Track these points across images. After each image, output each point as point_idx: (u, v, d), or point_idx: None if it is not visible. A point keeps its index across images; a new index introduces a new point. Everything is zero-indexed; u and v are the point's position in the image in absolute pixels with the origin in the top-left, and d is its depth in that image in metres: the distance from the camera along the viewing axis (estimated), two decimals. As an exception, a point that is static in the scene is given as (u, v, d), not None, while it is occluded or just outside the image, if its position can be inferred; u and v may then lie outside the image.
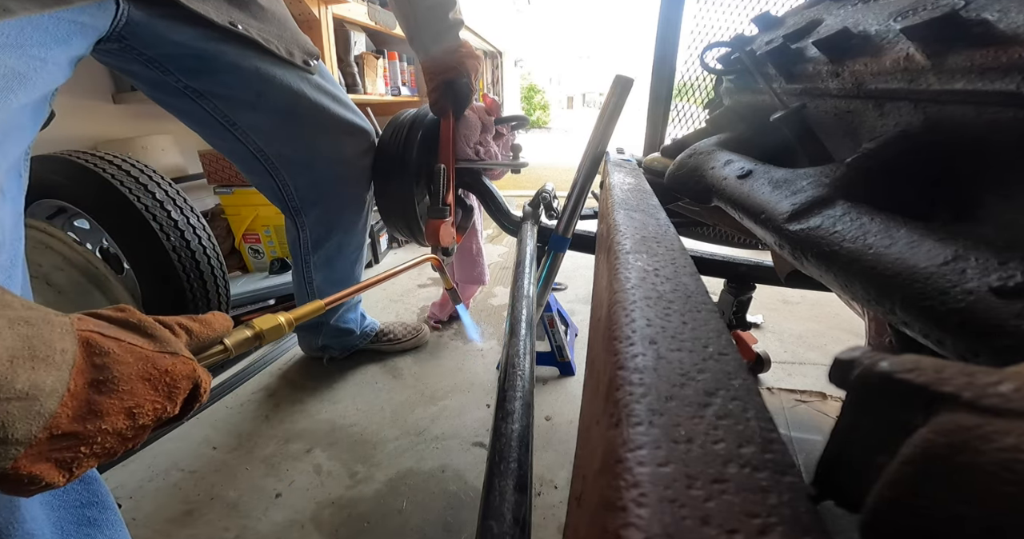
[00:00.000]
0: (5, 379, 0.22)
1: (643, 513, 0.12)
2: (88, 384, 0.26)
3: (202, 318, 0.35)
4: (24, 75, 0.49)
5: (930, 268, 0.21)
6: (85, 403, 0.26)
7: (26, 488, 0.25)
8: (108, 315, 0.29)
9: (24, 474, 0.24)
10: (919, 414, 0.11)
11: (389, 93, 2.27)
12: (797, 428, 0.94)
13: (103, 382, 0.26)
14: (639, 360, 0.18)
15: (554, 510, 0.78)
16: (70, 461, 0.26)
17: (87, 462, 0.26)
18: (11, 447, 0.23)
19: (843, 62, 0.38)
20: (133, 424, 0.27)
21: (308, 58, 0.84)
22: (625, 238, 0.32)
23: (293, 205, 0.95)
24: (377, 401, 1.06)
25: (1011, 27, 0.24)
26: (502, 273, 1.81)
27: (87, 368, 0.26)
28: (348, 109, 0.92)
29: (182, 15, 0.66)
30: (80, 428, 0.25)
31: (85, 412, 0.25)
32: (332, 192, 0.96)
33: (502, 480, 0.27)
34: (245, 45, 0.75)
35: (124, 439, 0.28)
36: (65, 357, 0.25)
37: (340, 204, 0.98)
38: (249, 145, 0.85)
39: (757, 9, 0.88)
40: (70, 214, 1.07)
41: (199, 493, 0.82)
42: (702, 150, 0.56)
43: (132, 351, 0.28)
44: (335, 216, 0.99)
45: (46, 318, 0.25)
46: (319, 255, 1.02)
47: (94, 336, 0.27)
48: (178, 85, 0.75)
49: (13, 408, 0.22)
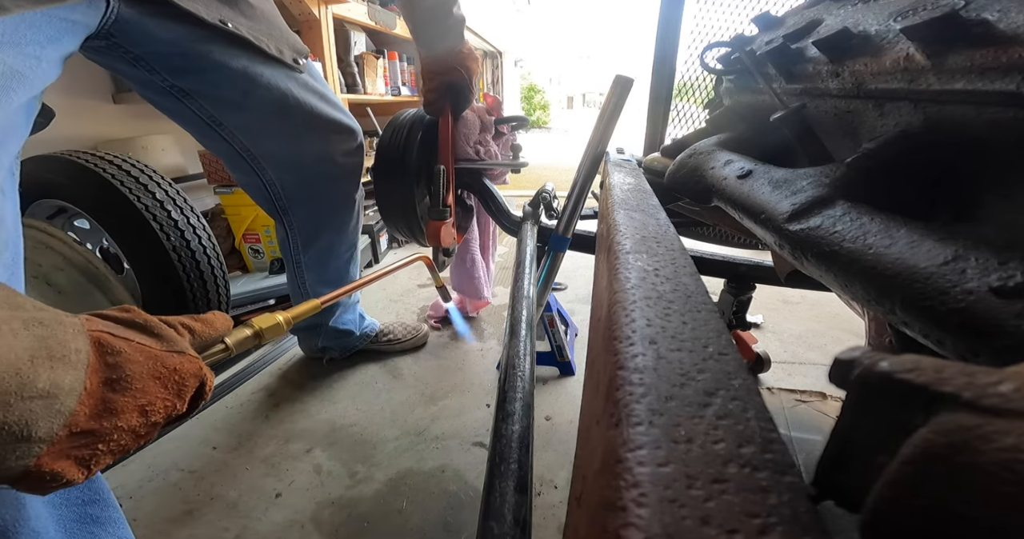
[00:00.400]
0: (28, 378, 0.23)
1: (643, 513, 0.12)
2: (102, 383, 0.26)
3: (203, 318, 0.35)
4: (22, 74, 0.49)
5: (930, 268, 0.21)
6: (101, 401, 0.26)
7: (47, 485, 0.25)
8: (115, 316, 0.30)
9: (46, 471, 0.25)
10: (919, 414, 0.11)
11: (389, 93, 2.27)
12: (797, 428, 0.94)
13: (116, 381, 0.27)
14: (639, 360, 0.18)
15: (554, 510, 0.78)
16: (88, 458, 0.26)
17: (104, 459, 0.27)
18: (34, 445, 0.23)
19: (843, 62, 0.38)
20: (146, 421, 0.28)
21: (298, 56, 0.84)
22: (625, 238, 0.32)
23: (280, 204, 0.95)
24: (377, 401, 1.06)
25: (1011, 27, 0.24)
26: (502, 273, 1.81)
27: (101, 367, 0.26)
28: (336, 108, 0.92)
29: (172, 13, 0.66)
30: (97, 426, 0.26)
31: (101, 410, 0.26)
32: (319, 191, 0.95)
33: (502, 481, 0.27)
34: (233, 43, 0.74)
35: (137, 436, 0.28)
36: (80, 356, 0.25)
37: (328, 203, 0.98)
38: (235, 144, 0.85)
39: (757, 9, 0.88)
40: (70, 214, 1.07)
41: (199, 493, 0.82)
42: (702, 150, 0.56)
43: (142, 350, 0.28)
44: (324, 216, 0.99)
45: (58, 319, 0.26)
46: (310, 255, 1.02)
47: (105, 336, 0.27)
48: (164, 84, 0.74)
49: (35, 406, 0.23)
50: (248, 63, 0.77)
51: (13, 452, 0.23)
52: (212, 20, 0.70)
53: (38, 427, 0.23)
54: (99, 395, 0.26)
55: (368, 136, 2.24)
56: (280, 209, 0.95)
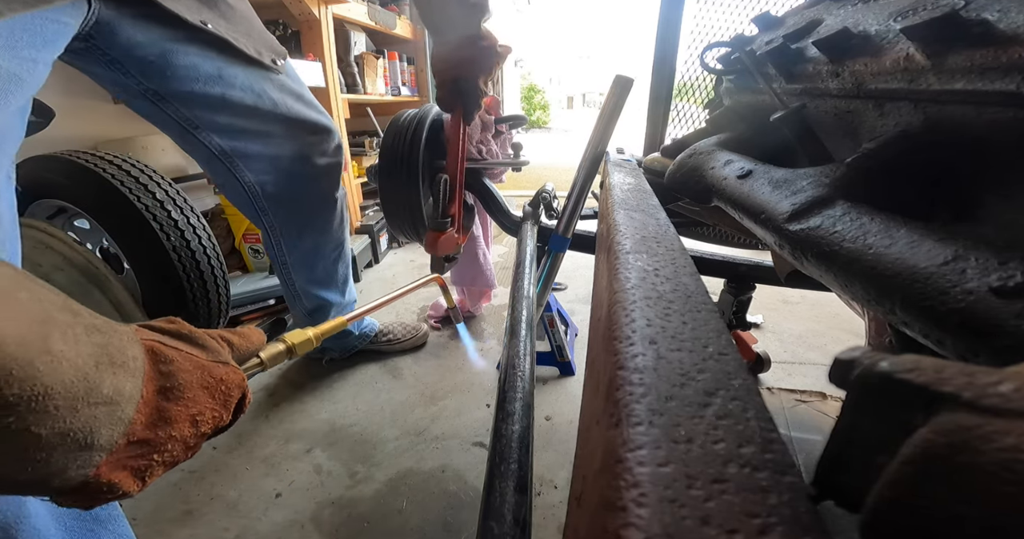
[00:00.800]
0: (94, 384, 0.22)
1: (643, 513, 0.12)
2: (156, 391, 0.26)
3: (241, 332, 0.35)
4: (20, 77, 0.48)
5: (930, 268, 0.21)
6: (156, 410, 0.26)
7: (102, 497, 0.25)
8: (160, 326, 0.30)
9: (104, 482, 0.24)
10: (919, 414, 0.11)
11: (389, 93, 2.27)
12: (797, 428, 0.94)
13: (170, 389, 0.26)
14: (639, 360, 0.18)
15: (554, 510, 0.78)
16: (144, 469, 0.26)
17: (158, 470, 0.26)
18: (95, 453, 0.23)
19: (843, 62, 0.38)
20: (196, 431, 0.28)
21: (276, 57, 0.83)
22: (625, 238, 0.32)
23: (259, 205, 0.93)
24: (377, 401, 1.06)
25: (1011, 27, 0.24)
26: (502, 273, 1.81)
27: (155, 375, 0.26)
28: (312, 108, 0.91)
29: (152, 14, 0.65)
30: (152, 435, 0.25)
31: (156, 419, 0.26)
32: (299, 193, 0.94)
33: (502, 481, 0.27)
34: (210, 45, 0.73)
35: (188, 447, 0.28)
36: (137, 364, 0.25)
37: (309, 204, 0.97)
38: (212, 148, 0.83)
39: (757, 9, 0.88)
40: (70, 214, 1.07)
41: (199, 493, 0.82)
42: (702, 150, 0.56)
43: (191, 359, 0.28)
44: (305, 217, 0.98)
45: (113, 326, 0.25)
46: (295, 257, 1.01)
47: (156, 344, 0.27)
48: (139, 87, 0.73)
49: (99, 413, 0.22)
50: (223, 65, 0.76)
51: (75, 460, 0.22)
52: (194, 21, 0.69)
53: (100, 434, 0.22)
54: (154, 403, 0.26)
55: (368, 136, 2.26)
56: (260, 210, 0.94)
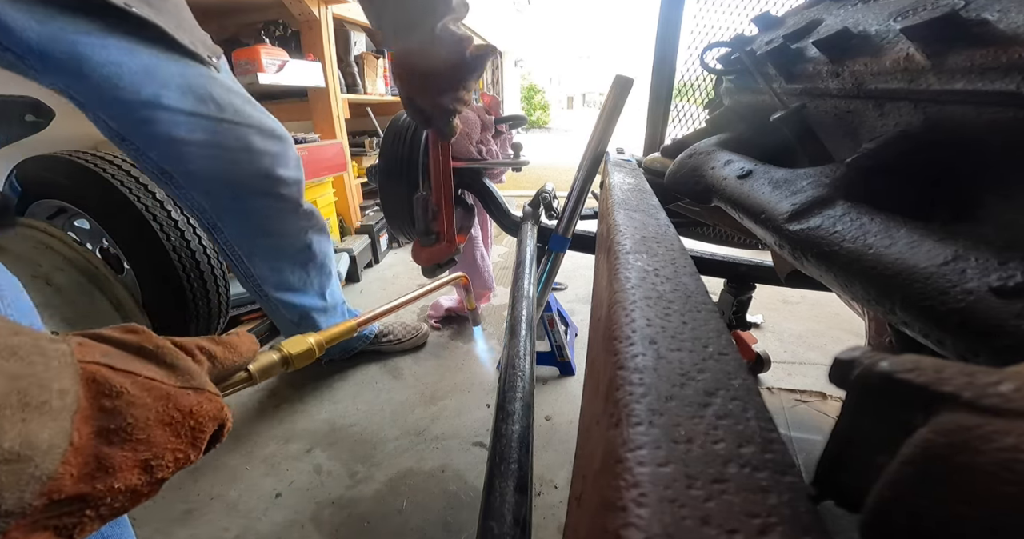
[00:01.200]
0: None
1: (643, 513, 0.12)
2: (95, 434, 0.21)
3: (226, 340, 0.29)
4: None
5: (930, 268, 0.21)
6: (93, 458, 0.20)
7: None
8: (118, 338, 0.24)
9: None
10: (919, 414, 0.11)
11: (389, 93, 2.27)
12: (797, 428, 0.94)
13: (114, 431, 0.21)
14: (639, 360, 0.18)
15: (554, 510, 0.78)
16: (72, 527, 0.21)
17: (92, 526, 0.22)
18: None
19: (843, 62, 0.38)
20: (150, 479, 0.22)
21: (212, 55, 0.74)
22: (625, 238, 0.32)
23: (208, 221, 0.84)
24: (377, 401, 1.07)
25: (1011, 27, 0.24)
26: (502, 273, 1.81)
27: (93, 413, 0.21)
28: (261, 111, 0.82)
29: None
30: (88, 489, 0.20)
31: (93, 469, 0.20)
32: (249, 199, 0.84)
33: (502, 481, 0.27)
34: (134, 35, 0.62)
35: (138, 496, 0.23)
36: (65, 400, 0.20)
37: (263, 210, 0.87)
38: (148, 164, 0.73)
39: (757, 9, 0.88)
40: (70, 214, 1.07)
41: (199, 493, 0.82)
42: (702, 150, 0.56)
43: (150, 388, 0.23)
44: (259, 221, 0.88)
45: (38, 346, 0.20)
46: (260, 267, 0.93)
47: (102, 370, 0.22)
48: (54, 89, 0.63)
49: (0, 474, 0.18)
50: (156, 61, 0.64)
51: None
52: (118, 2, 0.58)
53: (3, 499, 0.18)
54: (90, 450, 0.20)
55: (368, 136, 2.26)
56: (210, 226, 0.85)
